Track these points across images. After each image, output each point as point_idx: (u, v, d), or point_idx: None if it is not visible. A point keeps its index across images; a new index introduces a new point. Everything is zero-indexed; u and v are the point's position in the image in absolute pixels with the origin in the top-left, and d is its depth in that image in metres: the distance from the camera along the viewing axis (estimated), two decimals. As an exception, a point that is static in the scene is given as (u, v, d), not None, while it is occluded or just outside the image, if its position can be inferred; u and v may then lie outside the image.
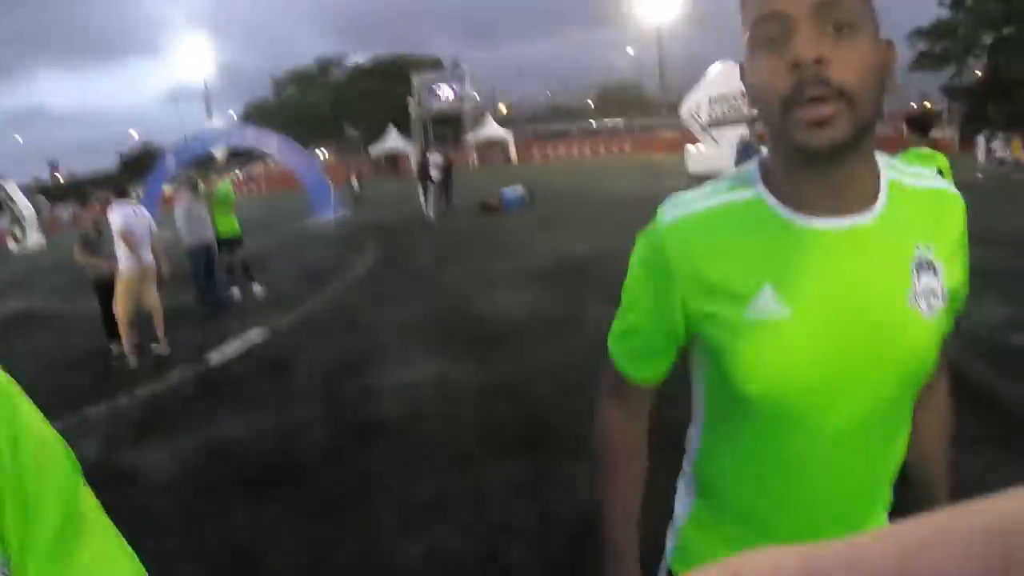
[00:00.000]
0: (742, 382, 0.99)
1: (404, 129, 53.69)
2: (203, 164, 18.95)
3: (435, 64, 64.60)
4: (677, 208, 1.05)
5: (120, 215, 7.11)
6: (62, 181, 78.91)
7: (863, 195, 0.96)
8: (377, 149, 53.23)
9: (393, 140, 52.41)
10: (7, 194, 29.92)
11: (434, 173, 18.37)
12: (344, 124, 63.18)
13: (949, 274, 1.00)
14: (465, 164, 45.70)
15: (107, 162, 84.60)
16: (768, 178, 1.01)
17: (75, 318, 9.90)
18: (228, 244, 10.04)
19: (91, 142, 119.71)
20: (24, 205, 30.25)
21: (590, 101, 79.15)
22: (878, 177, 0.98)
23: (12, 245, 29.66)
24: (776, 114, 0.90)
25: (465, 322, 7.42)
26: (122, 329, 7.24)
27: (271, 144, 22.21)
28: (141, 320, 7.48)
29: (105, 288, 7.41)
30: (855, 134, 0.88)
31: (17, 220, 29.95)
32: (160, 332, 7.52)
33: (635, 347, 1.12)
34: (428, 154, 19.42)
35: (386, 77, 64.68)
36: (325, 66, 72.99)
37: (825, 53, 0.85)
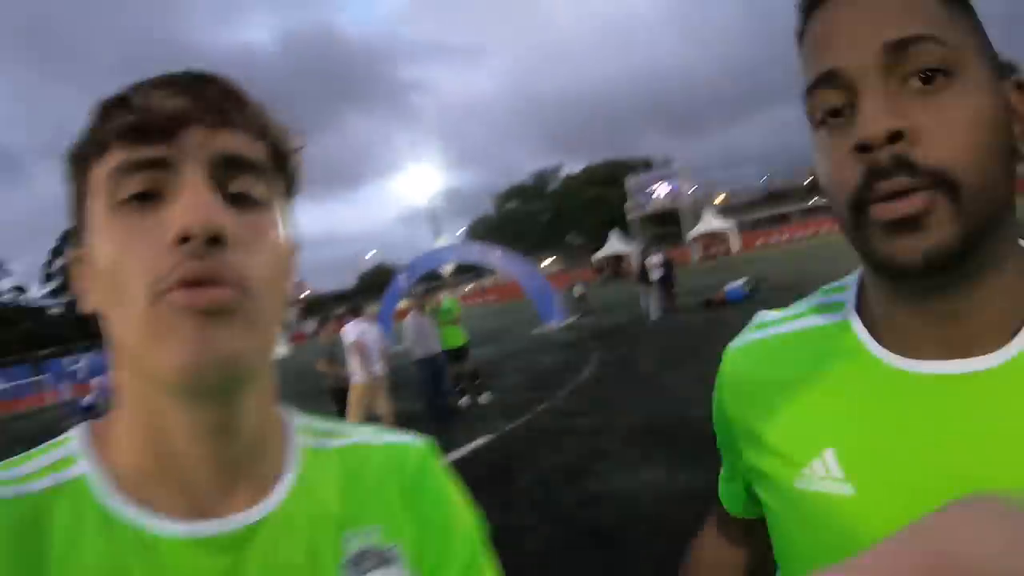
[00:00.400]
0: (788, 569, 0.74)
1: (624, 231, 54.51)
2: (433, 280, 20.26)
3: (646, 164, 65.63)
4: (749, 332, 0.83)
5: (354, 331, 7.80)
6: (306, 298, 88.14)
7: (993, 325, 0.62)
8: (598, 253, 54.30)
9: (613, 243, 53.32)
10: None
11: (655, 273, 18.24)
12: (565, 232, 65.48)
13: None
14: (687, 260, 45.23)
15: (346, 279, 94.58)
16: (865, 299, 0.72)
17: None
18: (455, 354, 10.54)
19: (332, 262, 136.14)
20: None
21: (806, 181, 75.68)
22: None
23: None
24: (847, 219, 0.62)
25: (686, 425, 7.07)
26: (355, 434, 7.82)
27: (495, 258, 23.46)
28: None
29: (340, 395, 8.10)
30: (966, 236, 0.57)
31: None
32: (390, 437, 7.98)
33: (723, 473, 0.94)
34: (648, 255, 19.38)
35: (601, 183, 66.69)
36: (542, 179, 76.84)
37: (904, 122, 0.57)
